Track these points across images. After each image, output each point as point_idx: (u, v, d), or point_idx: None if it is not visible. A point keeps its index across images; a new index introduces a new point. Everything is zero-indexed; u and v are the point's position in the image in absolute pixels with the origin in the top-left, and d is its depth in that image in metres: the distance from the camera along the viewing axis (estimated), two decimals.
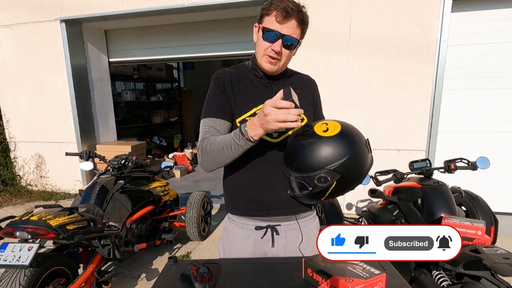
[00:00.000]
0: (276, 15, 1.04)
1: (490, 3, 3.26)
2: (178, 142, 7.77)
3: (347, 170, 0.97)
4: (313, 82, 1.31)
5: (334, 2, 3.48)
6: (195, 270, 0.91)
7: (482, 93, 3.43)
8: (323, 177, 0.97)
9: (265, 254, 1.21)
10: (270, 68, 1.13)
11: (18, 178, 5.20)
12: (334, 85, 3.65)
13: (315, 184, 0.99)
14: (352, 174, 1.00)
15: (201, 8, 3.90)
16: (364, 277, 0.83)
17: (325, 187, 0.99)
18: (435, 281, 1.66)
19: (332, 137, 0.99)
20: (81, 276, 2.07)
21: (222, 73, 1.20)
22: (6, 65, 4.77)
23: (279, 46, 1.07)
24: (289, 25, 1.05)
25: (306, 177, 1.00)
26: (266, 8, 1.07)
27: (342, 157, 0.96)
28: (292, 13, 1.03)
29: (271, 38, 1.07)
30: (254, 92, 1.17)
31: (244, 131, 1.00)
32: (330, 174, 0.97)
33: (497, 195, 3.57)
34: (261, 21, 1.10)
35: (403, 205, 2.19)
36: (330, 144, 0.98)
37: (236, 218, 1.23)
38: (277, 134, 1.15)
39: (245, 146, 1.02)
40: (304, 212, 1.23)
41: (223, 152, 1.05)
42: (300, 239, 1.22)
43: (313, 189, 1.01)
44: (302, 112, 0.92)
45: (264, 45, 1.09)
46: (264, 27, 1.07)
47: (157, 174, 3.12)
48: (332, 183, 0.99)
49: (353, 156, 0.97)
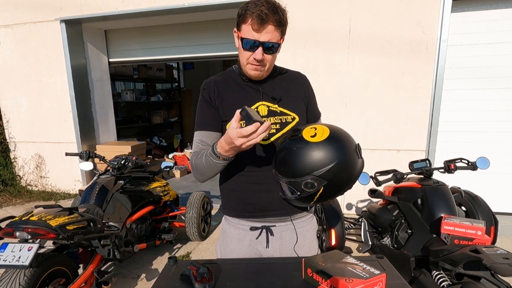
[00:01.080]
0: (252, 23, 1.01)
1: (490, 3, 3.26)
2: (178, 142, 7.77)
3: (334, 176, 0.96)
4: (304, 78, 1.28)
5: (334, 2, 3.48)
6: (195, 270, 0.91)
7: (482, 93, 3.43)
8: (309, 183, 0.97)
9: (260, 254, 1.21)
10: (256, 75, 1.13)
11: (18, 178, 5.20)
12: (334, 85, 3.65)
13: (302, 189, 0.99)
14: (340, 180, 0.99)
15: (201, 8, 3.90)
16: (364, 277, 0.83)
17: (312, 193, 0.99)
18: (435, 281, 1.66)
19: (319, 143, 0.97)
20: (81, 276, 2.07)
21: (208, 83, 1.20)
22: (6, 65, 4.78)
23: (260, 54, 1.05)
24: (267, 30, 1.02)
25: (293, 182, 1.00)
26: (241, 14, 1.04)
27: (329, 163, 0.95)
28: (267, 18, 1.00)
29: (250, 47, 1.05)
30: (242, 95, 1.17)
31: (217, 153, 1.01)
32: (316, 180, 0.96)
33: (497, 195, 3.57)
34: (239, 29, 1.08)
35: (403, 205, 2.19)
36: (317, 149, 0.97)
37: (232, 219, 1.24)
38: (268, 135, 1.13)
39: (224, 162, 1.04)
40: (300, 213, 1.23)
41: (208, 168, 1.08)
42: (295, 239, 1.22)
43: (301, 193, 1.01)
44: (269, 124, 0.91)
45: (246, 54, 1.08)
46: (242, 37, 1.05)
47: (157, 174, 3.12)
48: (319, 189, 0.98)
49: (341, 162, 0.96)
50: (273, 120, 1.15)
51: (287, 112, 1.18)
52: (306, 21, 3.54)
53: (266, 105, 1.17)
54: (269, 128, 0.91)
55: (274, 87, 1.19)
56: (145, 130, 7.49)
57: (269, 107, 1.16)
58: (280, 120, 1.16)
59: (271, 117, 1.16)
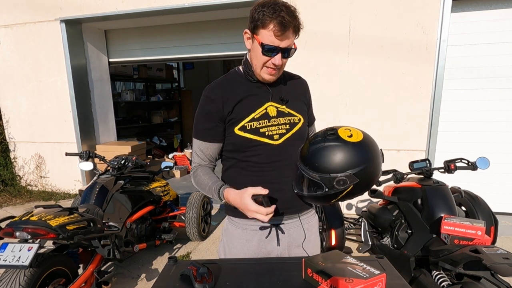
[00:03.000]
0: (274, 30, 1.01)
1: (490, 3, 3.26)
2: (178, 142, 7.77)
3: (365, 176, 1.02)
4: (305, 82, 1.33)
5: (334, 2, 3.48)
6: (195, 270, 0.91)
7: (482, 93, 3.43)
8: (342, 180, 1.01)
9: (269, 253, 1.22)
10: (270, 79, 1.14)
11: (18, 178, 5.20)
12: (334, 85, 3.65)
13: (333, 185, 1.02)
14: (368, 180, 1.05)
15: (201, 8, 3.90)
16: (364, 277, 0.83)
17: (340, 190, 1.03)
18: (435, 281, 1.66)
19: (356, 143, 1.03)
20: (81, 276, 2.07)
21: (214, 91, 1.16)
22: (6, 65, 4.77)
23: (280, 59, 1.07)
24: (287, 36, 1.04)
25: (325, 178, 1.03)
26: (260, 19, 1.02)
27: (364, 163, 1.01)
28: (289, 25, 1.01)
29: (271, 53, 1.06)
30: (251, 99, 1.17)
31: (222, 198, 1.12)
32: (350, 178, 1.01)
33: (497, 195, 3.57)
34: (255, 32, 1.06)
35: (403, 205, 2.19)
36: (355, 149, 1.02)
37: (239, 220, 1.23)
38: (278, 136, 1.16)
39: (224, 203, 1.15)
40: (307, 210, 1.27)
41: (209, 194, 1.18)
42: (303, 236, 1.24)
43: (328, 190, 1.04)
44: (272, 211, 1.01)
45: (263, 58, 1.08)
46: (264, 44, 1.04)
47: (157, 174, 3.12)
48: (349, 187, 1.02)
49: (373, 164, 1.03)
50: (282, 121, 1.17)
51: (294, 113, 1.20)
52: (306, 21, 3.49)
53: (274, 106, 1.18)
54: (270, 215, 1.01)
55: (281, 88, 1.21)
56: (145, 130, 7.49)
57: (277, 108, 1.18)
58: (289, 121, 1.18)
59: (280, 118, 1.17)
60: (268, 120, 1.15)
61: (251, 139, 1.14)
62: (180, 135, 8.34)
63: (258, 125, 1.14)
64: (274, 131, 1.15)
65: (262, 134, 1.14)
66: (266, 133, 1.15)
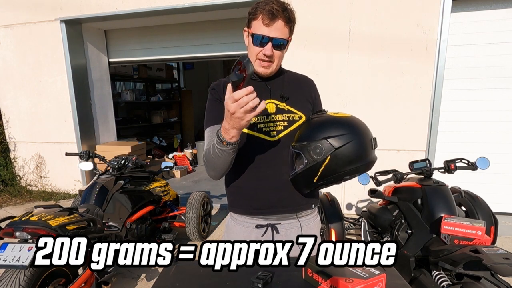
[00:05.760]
0: (262, 19, 1.05)
1: (490, 3, 3.26)
2: (178, 142, 7.77)
3: (342, 150, 1.00)
4: (311, 82, 1.32)
5: (334, 2, 3.48)
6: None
7: (482, 93, 3.43)
8: (319, 148, 1.02)
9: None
10: (264, 72, 1.15)
11: (18, 178, 5.20)
12: (334, 85, 3.65)
13: (311, 155, 1.03)
14: (347, 156, 1.02)
15: (201, 8, 3.90)
16: (364, 277, 0.83)
17: (318, 161, 1.02)
18: (435, 281, 1.66)
19: (339, 117, 1.08)
20: (81, 276, 2.06)
21: (218, 84, 1.23)
22: (6, 65, 4.77)
23: (270, 49, 1.08)
24: (276, 26, 1.06)
25: (304, 146, 1.05)
26: (252, 12, 1.09)
27: (341, 132, 1.02)
28: (277, 14, 1.04)
29: (260, 42, 1.08)
30: None
31: (221, 138, 0.98)
32: (326, 146, 1.01)
33: (497, 195, 3.57)
34: (249, 26, 1.12)
35: (403, 205, 2.19)
36: (335, 121, 1.06)
37: (238, 217, 1.26)
38: (275, 132, 1.16)
39: (230, 149, 1.00)
40: (305, 210, 1.25)
41: (217, 159, 1.04)
42: None
43: (308, 162, 1.04)
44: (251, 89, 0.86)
45: (255, 50, 1.11)
46: (253, 33, 1.09)
47: (157, 174, 3.12)
48: (326, 158, 1.01)
49: (352, 136, 1.02)
50: (280, 118, 1.18)
51: (294, 110, 1.20)
52: (306, 20, 3.53)
53: (274, 102, 1.19)
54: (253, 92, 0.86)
55: (282, 86, 1.22)
56: (145, 130, 7.49)
57: (277, 104, 1.19)
58: (288, 118, 1.18)
59: (278, 115, 1.18)
60: (266, 117, 1.16)
61: (248, 134, 1.15)
62: (180, 135, 8.34)
63: (255, 120, 1.15)
64: (272, 127, 1.16)
65: (259, 130, 1.15)
66: (263, 129, 1.16)
